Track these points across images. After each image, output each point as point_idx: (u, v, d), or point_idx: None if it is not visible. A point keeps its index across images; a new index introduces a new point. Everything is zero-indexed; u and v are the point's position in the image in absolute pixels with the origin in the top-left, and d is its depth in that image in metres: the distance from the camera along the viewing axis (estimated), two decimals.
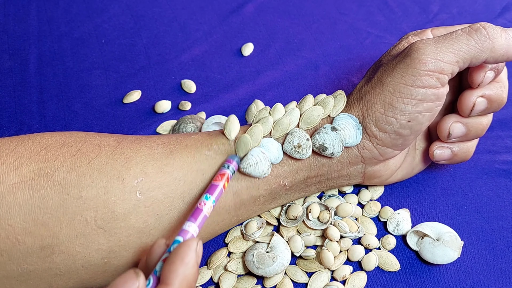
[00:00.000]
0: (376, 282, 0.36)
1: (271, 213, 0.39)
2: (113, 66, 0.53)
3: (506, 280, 0.36)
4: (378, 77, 0.35)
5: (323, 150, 0.35)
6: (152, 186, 0.32)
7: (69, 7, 0.60)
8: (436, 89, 0.33)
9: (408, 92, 0.33)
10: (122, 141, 0.34)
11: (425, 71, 0.33)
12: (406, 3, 0.60)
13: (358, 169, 0.37)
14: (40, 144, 0.32)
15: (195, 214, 0.30)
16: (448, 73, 0.33)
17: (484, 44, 0.33)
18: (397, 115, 0.34)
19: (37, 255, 0.30)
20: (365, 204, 0.40)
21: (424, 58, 0.33)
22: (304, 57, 0.54)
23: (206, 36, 0.56)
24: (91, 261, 0.31)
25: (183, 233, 0.29)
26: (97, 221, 0.31)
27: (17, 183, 0.30)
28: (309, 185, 0.37)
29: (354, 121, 0.35)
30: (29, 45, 0.55)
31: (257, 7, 0.59)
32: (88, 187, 0.31)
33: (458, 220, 0.40)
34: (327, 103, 0.36)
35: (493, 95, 0.36)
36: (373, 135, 0.35)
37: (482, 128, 0.38)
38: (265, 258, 0.36)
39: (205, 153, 0.34)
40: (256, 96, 0.50)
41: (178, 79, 0.51)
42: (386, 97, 0.34)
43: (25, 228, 0.30)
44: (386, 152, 0.36)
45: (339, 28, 0.57)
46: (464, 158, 0.39)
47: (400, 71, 0.34)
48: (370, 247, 0.38)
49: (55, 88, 0.51)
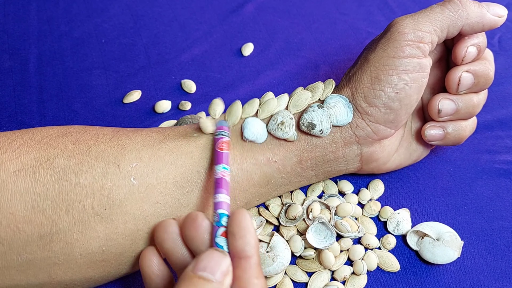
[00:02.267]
0: (376, 282, 0.36)
1: (271, 213, 0.39)
2: (113, 66, 0.53)
3: (506, 280, 0.36)
4: (363, 57, 0.37)
5: (312, 127, 0.35)
6: (146, 171, 0.33)
7: (69, 7, 0.60)
8: (419, 59, 0.35)
9: (392, 63, 0.35)
10: (120, 131, 0.35)
11: (405, 41, 0.34)
12: (406, 3, 0.60)
13: (354, 150, 0.37)
14: (41, 134, 0.33)
15: (220, 184, 0.31)
16: (427, 42, 0.35)
17: (458, 12, 0.35)
18: (384, 87, 0.35)
19: (36, 243, 0.30)
20: (365, 203, 0.40)
21: (403, 29, 0.35)
22: (304, 57, 0.54)
23: (206, 36, 0.56)
24: (88, 249, 0.31)
25: (222, 205, 0.30)
26: (94, 207, 0.31)
27: (18, 170, 0.30)
28: (305, 169, 0.37)
29: (343, 99, 0.36)
30: (29, 45, 0.55)
31: (257, 7, 0.59)
32: (86, 173, 0.31)
33: (458, 220, 0.40)
34: (317, 88, 0.37)
35: (479, 70, 0.37)
36: (364, 112, 0.36)
37: (473, 105, 0.38)
38: (265, 257, 0.36)
39: (194, 135, 0.35)
40: (256, 96, 0.49)
41: (178, 79, 0.51)
42: (372, 72, 0.35)
43: (26, 216, 0.30)
44: (379, 130, 0.36)
45: (339, 28, 0.57)
46: (458, 139, 0.39)
47: (382, 45, 0.35)
48: (370, 247, 0.38)
49: (55, 88, 0.51)
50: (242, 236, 0.28)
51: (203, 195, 0.34)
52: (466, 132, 0.39)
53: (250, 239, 0.28)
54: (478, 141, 0.45)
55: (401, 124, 0.37)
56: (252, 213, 0.40)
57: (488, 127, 0.46)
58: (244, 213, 0.28)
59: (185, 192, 0.34)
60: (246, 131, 0.35)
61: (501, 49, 0.54)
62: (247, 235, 0.28)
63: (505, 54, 0.53)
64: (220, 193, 0.31)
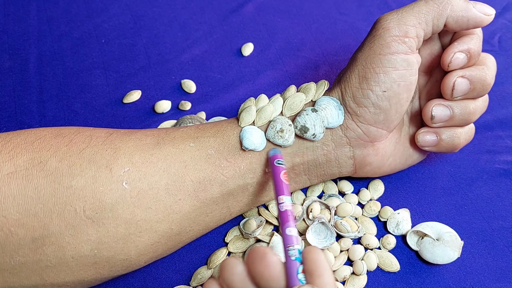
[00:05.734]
0: (376, 282, 0.36)
1: (271, 213, 0.39)
2: (113, 66, 0.53)
3: (506, 280, 0.36)
4: (352, 57, 0.36)
5: (305, 131, 0.35)
6: (138, 176, 0.33)
7: (69, 7, 0.60)
8: (405, 55, 0.34)
9: (379, 61, 0.34)
10: (114, 133, 0.35)
11: (391, 37, 0.34)
12: (406, 3, 0.60)
13: (346, 152, 0.37)
14: (35, 135, 0.33)
15: (287, 217, 0.30)
16: (413, 36, 0.34)
17: (442, 3, 0.34)
18: (372, 86, 0.35)
19: (28, 247, 0.30)
20: (365, 204, 0.40)
21: (387, 25, 0.34)
22: (304, 57, 0.54)
23: (206, 36, 0.56)
24: (80, 252, 0.31)
25: (295, 240, 0.29)
26: (86, 211, 0.31)
27: (12, 172, 0.30)
28: (298, 174, 0.37)
29: (335, 101, 0.36)
30: (29, 45, 0.55)
31: (257, 7, 0.59)
32: (78, 176, 0.31)
33: (458, 220, 0.40)
34: (309, 89, 0.37)
35: (475, 75, 0.36)
36: (354, 113, 0.36)
37: (469, 112, 0.37)
38: None
39: (190, 144, 0.35)
40: (256, 96, 0.49)
41: (178, 79, 0.51)
42: (359, 71, 0.35)
43: (18, 220, 0.30)
44: (370, 131, 0.36)
45: (339, 28, 0.57)
46: (452, 146, 0.38)
47: (368, 43, 0.35)
48: (370, 247, 0.38)
49: (55, 88, 0.51)
50: (320, 275, 0.26)
51: (196, 204, 0.34)
52: (460, 139, 0.38)
53: (329, 278, 0.26)
54: (478, 141, 0.45)
55: (393, 125, 0.36)
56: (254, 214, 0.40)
57: (488, 127, 0.46)
58: (318, 251, 0.27)
59: (177, 199, 0.34)
60: (245, 141, 0.35)
61: (501, 49, 0.54)
62: (325, 273, 0.26)
63: (505, 54, 0.53)
64: (291, 227, 0.30)
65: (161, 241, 0.34)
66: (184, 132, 0.36)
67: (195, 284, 0.37)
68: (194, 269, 0.38)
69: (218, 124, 0.37)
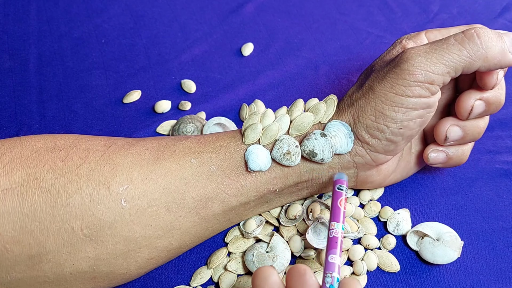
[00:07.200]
0: (376, 282, 0.36)
1: (271, 213, 0.39)
2: (113, 66, 0.53)
3: (506, 280, 0.36)
4: (369, 84, 0.35)
5: (313, 156, 0.35)
6: (136, 194, 0.32)
7: (69, 7, 0.59)
8: (427, 98, 0.33)
9: (399, 101, 0.33)
10: (112, 146, 0.34)
11: (415, 82, 0.32)
12: (406, 3, 0.60)
13: (350, 173, 0.37)
14: (30, 147, 0.32)
15: (334, 244, 0.31)
16: (438, 83, 0.33)
17: (477, 54, 0.32)
18: (388, 122, 0.34)
19: (25, 263, 0.30)
20: (365, 204, 0.40)
21: (414, 70, 0.32)
22: (304, 57, 0.54)
23: (206, 36, 0.56)
24: (79, 268, 0.31)
25: (335, 268, 0.29)
26: (84, 229, 0.30)
27: (7, 189, 0.30)
28: (300, 189, 0.37)
29: (346, 129, 0.35)
30: (29, 45, 0.55)
31: (257, 7, 0.59)
32: (75, 194, 0.30)
33: (458, 220, 0.40)
34: (318, 109, 0.36)
35: (491, 97, 0.35)
36: (365, 141, 0.35)
37: (479, 132, 0.37)
38: (265, 258, 0.36)
39: (191, 160, 0.34)
40: (256, 96, 0.50)
41: (178, 79, 0.51)
42: (377, 105, 0.34)
43: (14, 237, 0.29)
44: (378, 158, 0.36)
45: (339, 28, 0.57)
46: (459, 161, 0.39)
47: (390, 80, 0.33)
48: (370, 247, 0.38)
49: (55, 88, 0.51)
50: None
51: (197, 220, 0.34)
52: (467, 153, 0.39)
53: None
54: (478, 141, 0.45)
55: (400, 150, 0.36)
56: None
57: (488, 127, 0.46)
58: (357, 284, 0.28)
59: (178, 216, 0.33)
60: (251, 163, 0.34)
61: None
62: None
63: None
64: (335, 254, 0.30)
65: (161, 255, 0.34)
66: (184, 146, 0.35)
67: (195, 284, 0.37)
68: (194, 269, 0.38)
69: (220, 138, 0.36)
